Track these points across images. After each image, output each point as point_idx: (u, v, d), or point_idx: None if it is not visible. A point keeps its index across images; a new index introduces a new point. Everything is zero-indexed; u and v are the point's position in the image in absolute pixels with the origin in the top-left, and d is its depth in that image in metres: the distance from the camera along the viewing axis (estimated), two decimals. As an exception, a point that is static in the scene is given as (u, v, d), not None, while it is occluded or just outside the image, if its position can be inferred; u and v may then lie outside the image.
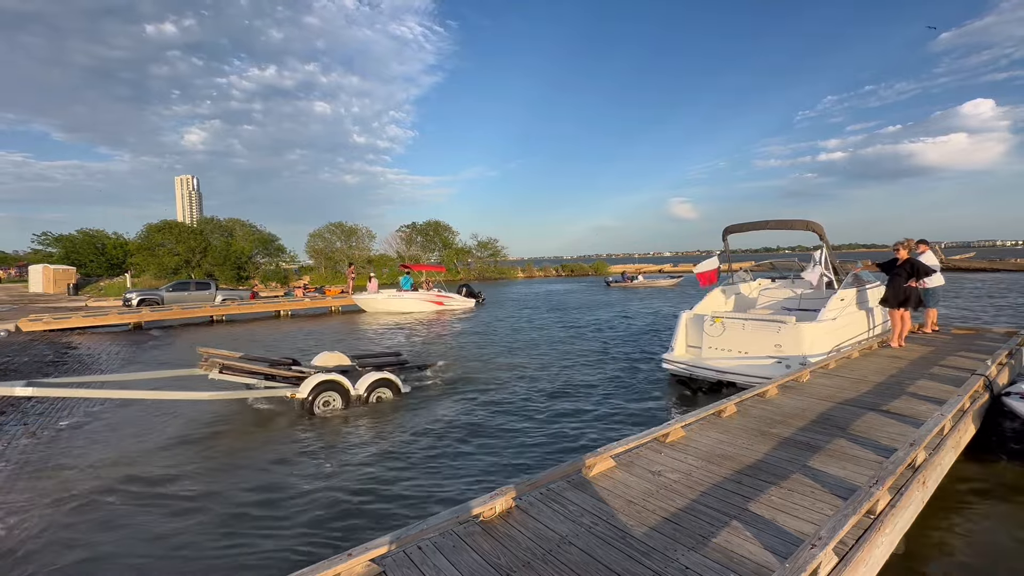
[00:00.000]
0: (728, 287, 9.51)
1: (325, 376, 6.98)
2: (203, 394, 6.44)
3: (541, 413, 7.02)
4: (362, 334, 15.55)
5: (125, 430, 6.58)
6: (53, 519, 4.30)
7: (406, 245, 49.60)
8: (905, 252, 7.61)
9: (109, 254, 40.54)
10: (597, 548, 2.65)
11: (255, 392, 6.88)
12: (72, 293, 31.15)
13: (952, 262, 38.33)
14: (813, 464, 3.56)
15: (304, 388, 6.78)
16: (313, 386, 6.81)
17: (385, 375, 7.57)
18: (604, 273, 54.22)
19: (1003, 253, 70.66)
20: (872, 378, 5.84)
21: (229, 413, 7.12)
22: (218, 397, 6.62)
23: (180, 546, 3.90)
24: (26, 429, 6.62)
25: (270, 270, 41.84)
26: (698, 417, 4.48)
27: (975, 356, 6.69)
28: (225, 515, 4.34)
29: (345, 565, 2.43)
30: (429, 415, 6.95)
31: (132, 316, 17.83)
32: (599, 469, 3.52)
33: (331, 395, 7.01)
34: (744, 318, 7.70)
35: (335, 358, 8.03)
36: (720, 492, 3.20)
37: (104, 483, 4.94)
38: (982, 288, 23.11)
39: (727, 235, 9.32)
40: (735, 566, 2.44)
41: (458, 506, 3.01)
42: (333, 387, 7.02)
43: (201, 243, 37.96)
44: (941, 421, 3.86)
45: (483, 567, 2.52)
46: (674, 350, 8.27)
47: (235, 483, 4.95)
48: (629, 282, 33.97)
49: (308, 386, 6.79)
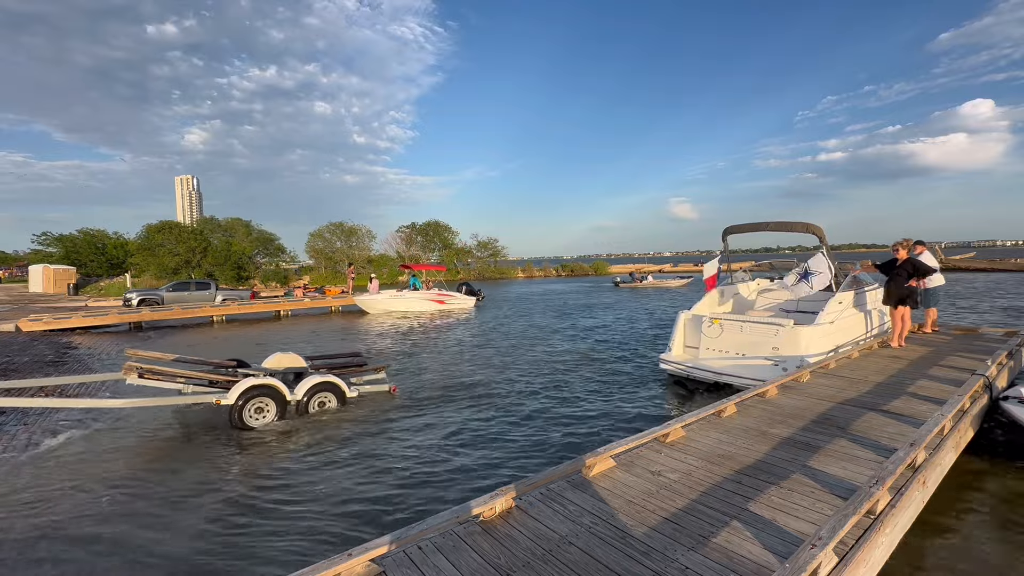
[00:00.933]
0: (727, 288, 9.52)
1: (257, 380, 6.38)
2: (117, 401, 5.92)
3: (542, 412, 7.02)
4: (362, 334, 15.55)
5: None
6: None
7: (406, 245, 49.62)
8: (904, 252, 7.62)
9: (109, 254, 40.58)
10: (597, 548, 2.65)
11: (182, 399, 6.28)
12: (72, 293, 31.17)
13: (952, 262, 38.34)
14: (813, 464, 3.56)
15: (232, 393, 6.17)
16: (243, 391, 6.21)
17: (328, 378, 6.96)
18: (604, 273, 54.16)
19: (1003, 253, 70.67)
20: (872, 378, 5.84)
21: (148, 423, 6.56)
22: (133, 404, 6.01)
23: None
24: (26, 428, 6.62)
25: (270, 270, 41.86)
26: (698, 417, 4.48)
27: (975, 356, 6.69)
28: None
29: (345, 565, 2.43)
30: (386, 424, 6.53)
31: (132, 316, 17.83)
32: (599, 469, 3.52)
33: (263, 401, 6.40)
34: (742, 320, 7.71)
35: (288, 359, 7.43)
36: (720, 492, 3.20)
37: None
38: (982, 288, 23.11)
39: (727, 236, 9.33)
40: (735, 566, 2.45)
41: (458, 506, 3.01)
42: (266, 392, 6.41)
43: (201, 243, 37.97)
44: (941, 421, 3.86)
45: (483, 567, 2.53)
46: (672, 350, 8.28)
47: (72, 516, 4.31)
48: (638, 282, 33.33)
49: (237, 391, 6.19)
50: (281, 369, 7.24)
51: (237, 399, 6.22)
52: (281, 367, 7.28)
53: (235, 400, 6.21)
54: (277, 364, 7.31)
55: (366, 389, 7.69)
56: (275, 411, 6.52)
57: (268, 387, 6.45)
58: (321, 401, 6.96)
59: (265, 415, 6.47)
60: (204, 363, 7.10)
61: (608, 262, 67.64)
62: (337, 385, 7.04)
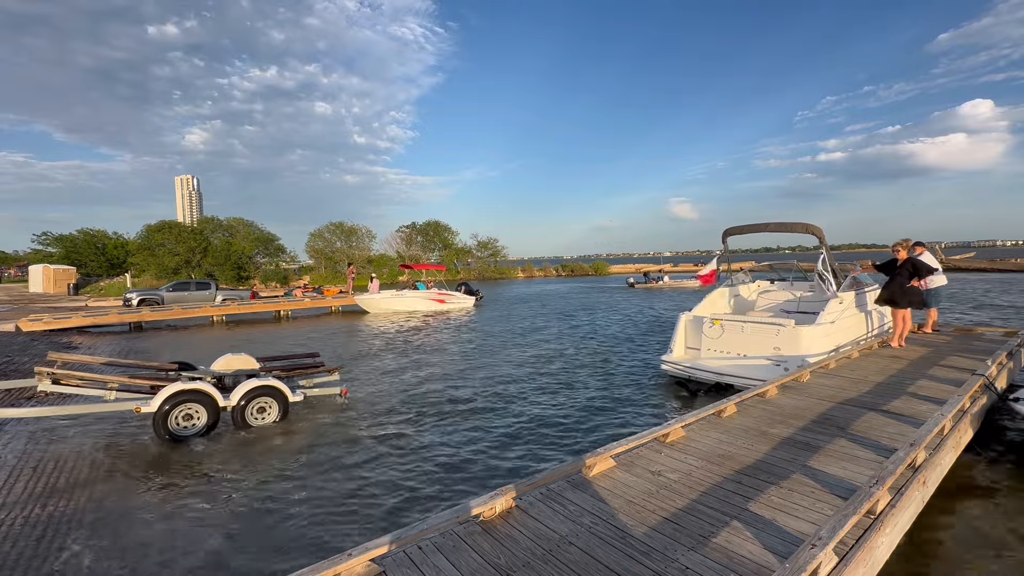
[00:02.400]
0: (727, 288, 9.53)
1: (185, 384, 5.79)
2: (23, 411, 5.47)
3: (542, 412, 7.02)
4: (362, 334, 15.55)
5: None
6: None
7: (406, 245, 49.62)
8: (904, 253, 7.62)
9: (109, 254, 40.58)
10: (597, 548, 2.65)
11: (103, 406, 5.74)
12: (72, 293, 31.19)
13: (952, 262, 38.31)
14: (813, 464, 3.56)
15: (156, 400, 5.57)
16: (167, 396, 5.60)
17: (267, 381, 6.33)
18: (604, 273, 54.09)
19: (1003, 253, 70.67)
20: (872, 378, 5.84)
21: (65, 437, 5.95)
22: (45, 413, 5.55)
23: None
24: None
25: (270, 270, 41.86)
26: (698, 417, 4.48)
27: (975, 356, 6.69)
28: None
29: (345, 565, 2.43)
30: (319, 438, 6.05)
31: (132, 316, 17.83)
32: (599, 469, 3.52)
33: (193, 407, 5.81)
34: (743, 320, 7.71)
35: (239, 361, 6.97)
36: (720, 492, 3.20)
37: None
38: (982, 288, 23.10)
39: (727, 237, 9.34)
40: (735, 566, 2.44)
41: (458, 506, 3.01)
42: (195, 398, 5.79)
43: (201, 243, 37.97)
44: (941, 421, 3.86)
45: (483, 567, 2.52)
46: (673, 352, 8.28)
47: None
48: (654, 283, 31.85)
49: (161, 397, 5.59)
50: (231, 372, 6.75)
51: (161, 405, 5.59)
52: (231, 369, 6.81)
53: (158, 407, 5.58)
54: (227, 366, 6.82)
55: (314, 392, 7.14)
56: (206, 418, 5.89)
57: (197, 392, 5.81)
58: (261, 407, 6.35)
59: (195, 423, 5.87)
60: (141, 366, 6.59)
61: (608, 262, 67.55)
62: (277, 388, 6.40)
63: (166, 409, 5.64)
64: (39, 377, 5.67)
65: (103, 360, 6.34)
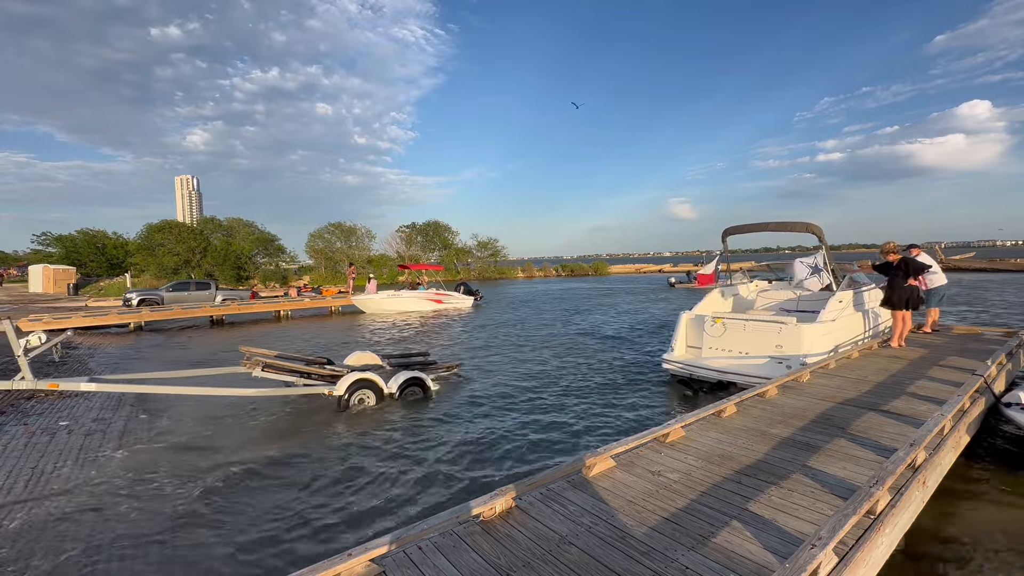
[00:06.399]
0: (727, 288, 9.54)
1: (361, 375, 7.34)
2: (248, 391, 6.84)
3: (541, 412, 7.02)
4: (360, 333, 15.55)
5: (199, 423, 6.91)
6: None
7: (406, 245, 49.59)
8: (895, 256, 7.62)
9: (109, 254, 40.56)
10: (597, 548, 2.65)
11: (294, 389, 7.18)
12: (72, 293, 31.14)
13: (952, 262, 38.28)
14: (813, 464, 3.56)
15: (341, 386, 7.12)
16: (349, 384, 7.17)
17: (416, 374, 7.87)
18: (604, 273, 54.07)
19: (1003, 253, 70.68)
20: (872, 378, 5.84)
21: (274, 408, 7.46)
22: (260, 394, 7.05)
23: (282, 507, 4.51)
24: (26, 428, 6.62)
25: (270, 270, 41.84)
26: (698, 417, 4.48)
27: (975, 356, 6.69)
28: (332, 480, 5.00)
29: (345, 565, 2.43)
30: (451, 414, 7.10)
31: (132, 316, 17.82)
32: (599, 469, 3.52)
33: (366, 393, 7.35)
34: (745, 318, 7.72)
35: (366, 358, 8.42)
36: (720, 492, 3.20)
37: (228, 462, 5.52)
38: (982, 288, 23.09)
39: (727, 236, 9.35)
40: (735, 566, 2.44)
41: (458, 506, 3.01)
42: (368, 385, 7.36)
43: (201, 243, 37.95)
44: (941, 421, 3.86)
45: (483, 567, 2.52)
46: (674, 350, 8.29)
47: (329, 463, 5.43)
48: (695, 283, 28.50)
49: (344, 384, 7.15)
50: (360, 365, 8.11)
51: (345, 391, 7.15)
52: (360, 364, 8.23)
53: (343, 392, 7.14)
54: (357, 361, 8.29)
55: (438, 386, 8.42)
56: (374, 401, 7.40)
57: (370, 381, 7.39)
58: (412, 392, 7.77)
59: (365, 404, 7.33)
60: (301, 359, 7.74)
61: (608, 262, 67.46)
62: (423, 380, 7.89)
63: (347, 396, 7.15)
64: (247, 365, 7.07)
65: (275, 353, 7.49)
